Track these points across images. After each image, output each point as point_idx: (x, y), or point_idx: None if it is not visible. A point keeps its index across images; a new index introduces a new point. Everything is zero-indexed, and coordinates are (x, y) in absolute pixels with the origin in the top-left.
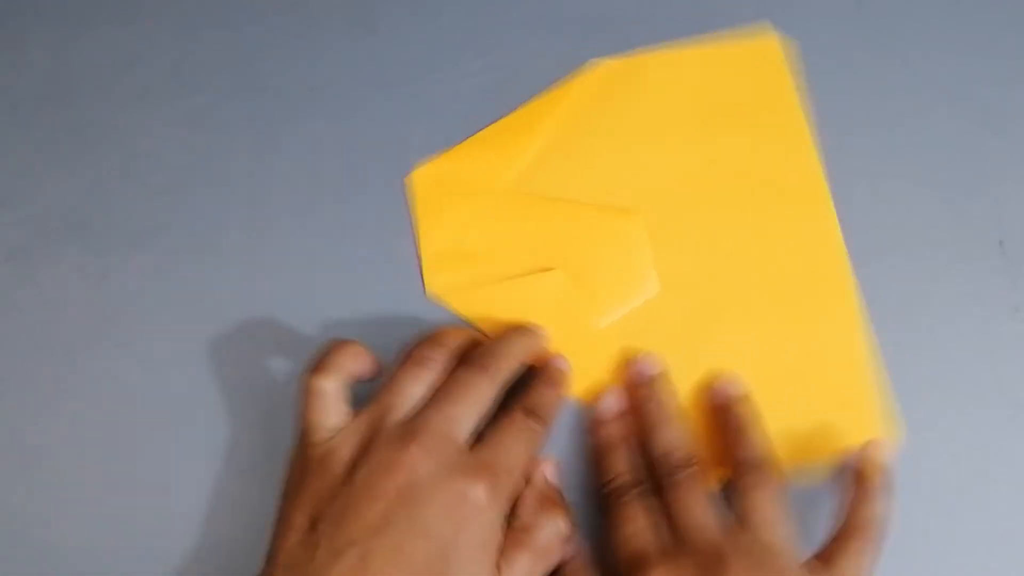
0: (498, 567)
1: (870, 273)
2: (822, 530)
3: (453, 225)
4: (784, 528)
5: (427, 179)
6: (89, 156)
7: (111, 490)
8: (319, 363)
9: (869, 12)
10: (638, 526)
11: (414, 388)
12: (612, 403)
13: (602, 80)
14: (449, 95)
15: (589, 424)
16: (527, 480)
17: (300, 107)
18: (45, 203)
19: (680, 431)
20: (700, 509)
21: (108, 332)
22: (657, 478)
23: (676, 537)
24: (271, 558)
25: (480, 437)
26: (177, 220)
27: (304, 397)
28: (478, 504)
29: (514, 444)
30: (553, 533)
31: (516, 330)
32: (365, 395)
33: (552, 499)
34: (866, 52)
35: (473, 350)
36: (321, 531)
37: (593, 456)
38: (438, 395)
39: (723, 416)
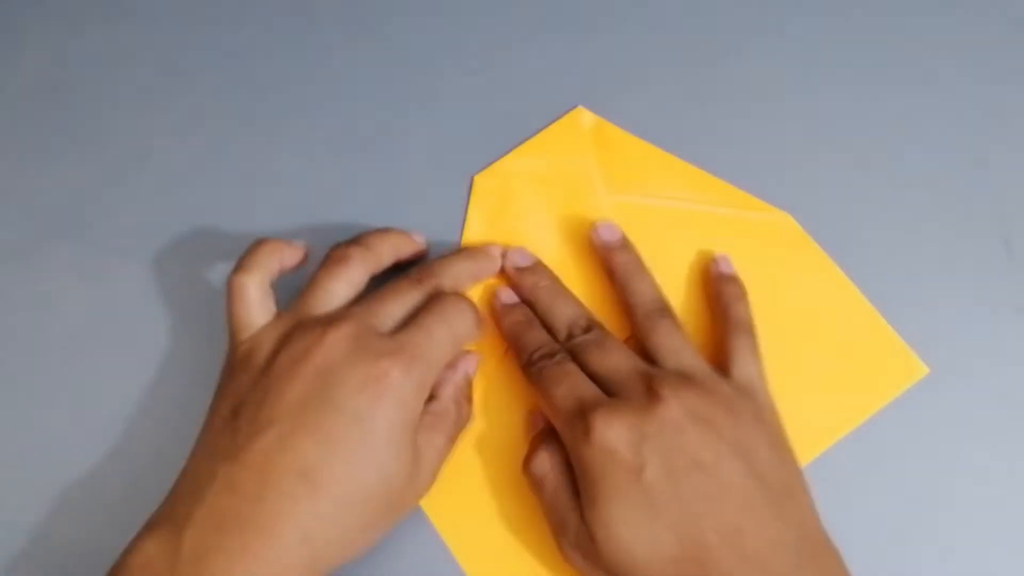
0: (416, 446)
1: (873, 273)
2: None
3: (502, 231)
4: (689, 353)
5: (489, 182)
6: (88, 156)
7: (112, 490)
8: (240, 262)
9: (869, 12)
10: (567, 385)
11: (334, 285)
12: (507, 294)
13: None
14: (449, 95)
15: (494, 316)
16: (453, 368)
17: (300, 107)
18: (44, 203)
19: (576, 303)
20: (615, 358)
21: (108, 332)
22: (569, 350)
23: (604, 386)
24: (193, 451)
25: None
26: (175, 219)
27: (227, 297)
28: (392, 384)
29: (437, 328)
30: (464, 419)
31: (466, 252)
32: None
33: (467, 391)
34: (866, 52)
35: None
36: (242, 416)
37: (507, 341)
38: (365, 296)
39: (607, 263)
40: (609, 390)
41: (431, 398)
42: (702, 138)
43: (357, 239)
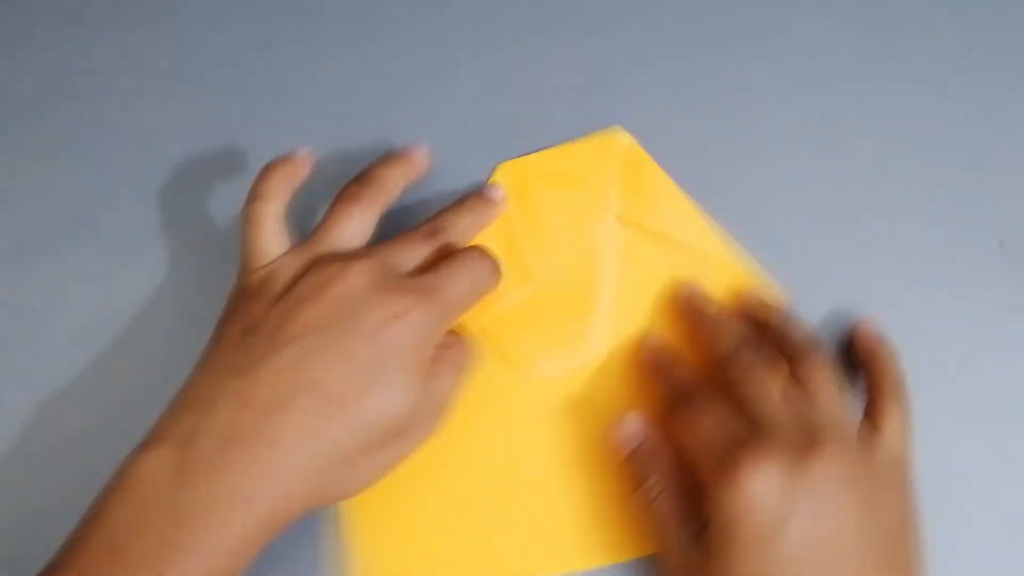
0: (426, 382)
1: (870, 272)
2: None
3: (505, 221)
4: (844, 398)
5: (511, 173)
6: (89, 156)
7: None
8: (254, 190)
9: (869, 12)
10: (713, 420)
11: (349, 222)
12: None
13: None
14: (449, 96)
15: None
16: None
17: (300, 107)
18: (45, 203)
19: (742, 330)
20: (775, 393)
21: (108, 332)
22: (725, 378)
23: (755, 422)
24: (196, 370)
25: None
26: (177, 220)
27: (243, 226)
28: (412, 320)
29: (460, 275)
30: (471, 351)
31: (471, 200)
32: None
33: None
34: (866, 52)
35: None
36: (257, 335)
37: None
38: (378, 243)
39: (753, 320)
40: (759, 421)
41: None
42: (709, 148)
43: (365, 175)
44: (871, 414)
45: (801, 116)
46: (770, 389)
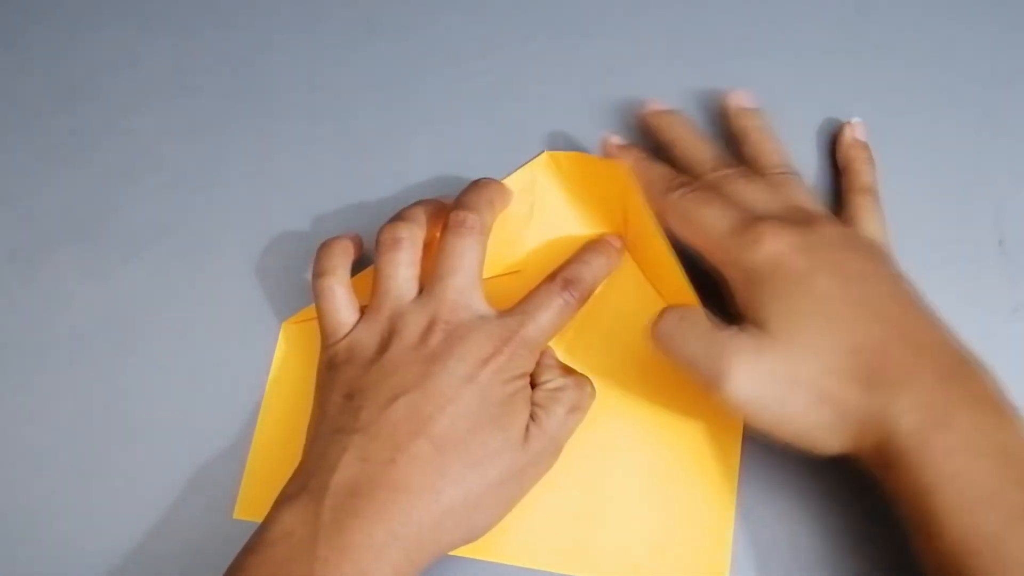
0: (534, 418)
1: None
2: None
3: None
4: (818, 204)
5: (547, 163)
6: (89, 156)
7: (112, 490)
8: (320, 266)
9: (869, 12)
10: (720, 204)
11: (401, 270)
12: (617, 137)
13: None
14: (449, 97)
15: (610, 158)
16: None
17: (300, 107)
18: (45, 203)
19: (717, 146)
20: (764, 193)
21: (108, 332)
22: (712, 181)
23: (751, 211)
24: (311, 436)
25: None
26: (178, 220)
27: (316, 301)
28: (500, 361)
29: (544, 316)
30: (589, 394)
31: (481, 181)
32: None
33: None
34: (865, 52)
35: (447, 209)
36: (362, 398)
37: (635, 176)
38: (437, 269)
39: (740, 126)
40: (754, 210)
41: (550, 377)
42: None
43: (399, 215)
44: (844, 216)
45: (801, 116)
46: (752, 189)
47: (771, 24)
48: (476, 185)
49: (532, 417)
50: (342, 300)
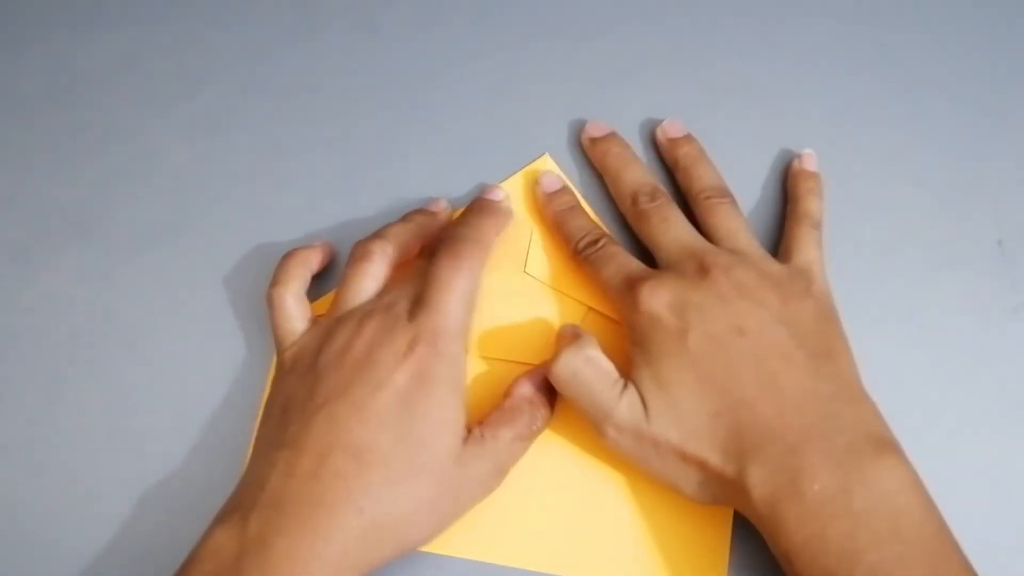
0: (482, 435)
1: (868, 273)
2: None
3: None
4: (746, 235)
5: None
6: (90, 156)
7: (112, 490)
8: (276, 276)
9: (869, 12)
10: (615, 264)
11: (364, 282)
12: (549, 181)
13: None
14: (449, 97)
15: (538, 207)
16: (536, 374)
17: (300, 107)
18: (46, 203)
19: (645, 171)
20: (676, 230)
21: (110, 332)
22: (634, 216)
23: (660, 259)
24: (252, 450)
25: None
26: (178, 220)
27: (269, 310)
28: (417, 357)
29: (443, 297)
30: (540, 419)
31: (476, 210)
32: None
33: (546, 395)
34: (865, 52)
35: (430, 237)
36: (292, 410)
37: (552, 228)
38: (388, 283)
39: (671, 156)
40: (664, 264)
41: (506, 395)
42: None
43: (376, 232)
44: (785, 244)
45: (801, 116)
46: (672, 223)
47: (770, 23)
48: (472, 210)
49: (477, 436)
50: (292, 310)
